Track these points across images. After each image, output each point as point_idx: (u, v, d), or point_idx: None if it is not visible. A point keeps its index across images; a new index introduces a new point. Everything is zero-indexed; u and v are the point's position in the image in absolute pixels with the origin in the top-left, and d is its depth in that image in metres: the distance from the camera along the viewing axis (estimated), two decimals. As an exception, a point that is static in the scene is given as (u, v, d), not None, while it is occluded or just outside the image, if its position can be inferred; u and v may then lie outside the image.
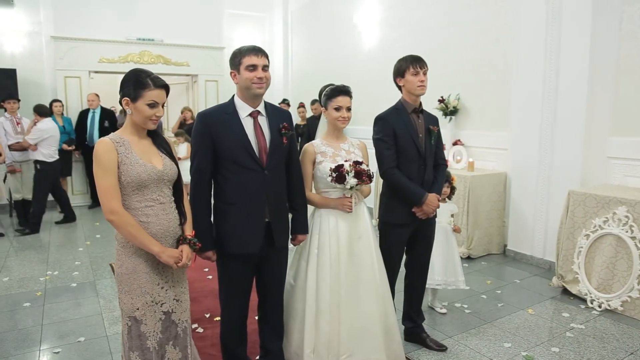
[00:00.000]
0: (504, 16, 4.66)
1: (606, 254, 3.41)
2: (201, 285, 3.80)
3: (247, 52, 2.05)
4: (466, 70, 5.10)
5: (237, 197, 2.11)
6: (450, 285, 3.22)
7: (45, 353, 2.80)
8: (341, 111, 2.36)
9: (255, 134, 2.12)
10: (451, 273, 3.21)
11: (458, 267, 3.23)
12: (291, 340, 2.40)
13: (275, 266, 2.29)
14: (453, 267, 3.22)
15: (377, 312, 2.35)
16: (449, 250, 3.23)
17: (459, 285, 3.22)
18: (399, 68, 2.60)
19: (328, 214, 2.36)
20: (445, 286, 3.22)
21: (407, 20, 5.96)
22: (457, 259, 3.26)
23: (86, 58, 7.18)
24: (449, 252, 3.22)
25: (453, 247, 3.25)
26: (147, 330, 1.86)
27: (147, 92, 1.80)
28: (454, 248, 3.25)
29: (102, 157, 1.77)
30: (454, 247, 3.25)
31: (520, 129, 4.42)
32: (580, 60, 3.88)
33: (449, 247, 3.22)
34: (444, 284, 3.21)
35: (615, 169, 3.91)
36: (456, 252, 3.27)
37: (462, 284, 3.23)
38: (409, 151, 2.58)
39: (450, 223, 3.27)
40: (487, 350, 2.79)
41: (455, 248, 3.26)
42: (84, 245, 5.14)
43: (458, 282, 3.22)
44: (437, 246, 3.04)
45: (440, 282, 3.19)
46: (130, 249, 1.84)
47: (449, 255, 3.21)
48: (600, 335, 2.97)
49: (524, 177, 4.40)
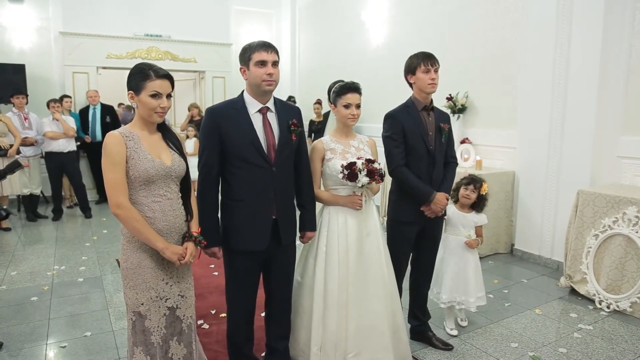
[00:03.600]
0: (513, 13, 4.62)
1: (615, 254, 3.37)
2: (207, 282, 3.81)
3: (257, 48, 2.03)
4: (474, 68, 5.06)
5: (244, 194, 2.10)
6: (460, 305, 2.88)
7: (52, 347, 2.81)
8: (350, 108, 2.34)
9: (264, 131, 2.11)
10: (461, 292, 2.86)
11: (471, 286, 2.85)
12: (298, 338, 2.40)
13: (283, 263, 2.27)
14: (464, 285, 2.86)
15: (385, 310, 2.34)
16: (462, 266, 2.86)
17: (469, 307, 2.87)
18: (410, 65, 2.57)
19: (337, 212, 2.35)
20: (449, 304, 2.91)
21: (415, 17, 5.93)
22: (471, 276, 2.86)
23: (94, 54, 7.22)
24: (460, 268, 2.86)
25: (466, 263, 2.85)
26: (151, 325, 1.86)
27: (149, 82, 1.79)
28: (467, 263, 2.85)
29: (111, 150, 1.77)
30: (467, 263, 2.85)
31: (529, 128, 4.38)
32: (590, 58, 3.84)
33: (461, 263, 2.85)
34: (449, 303, 2.89)
35: (626, 168, 3.86)
36: (471, 268, 2.86)
37: (473, 306, 2.87)
38: (418, 149, 2.56)
39: (469, 237, 2.85)
40: (494, 350, 2.77)
41: (469, 263, 2.86)
42: (91, 240, 5.17)
43: (468, 302, 2.86)
44: (448, 260, 2.86)
45: (445, 301, 2.88)
46: (136, 244, 1.84)
47: (460, 272, 2.86)
48: (608, 337, 2.94)
49: (532, 175, 4.36)
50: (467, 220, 2.87)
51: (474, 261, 2.89)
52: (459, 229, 2.87)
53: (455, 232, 2.89)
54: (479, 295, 2.89)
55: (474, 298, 2.86)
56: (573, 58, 3.97)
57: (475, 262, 2.90)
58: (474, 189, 2.84)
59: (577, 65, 3.94)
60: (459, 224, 2.88)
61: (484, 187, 2.84)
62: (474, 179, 2.87)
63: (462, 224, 2.87)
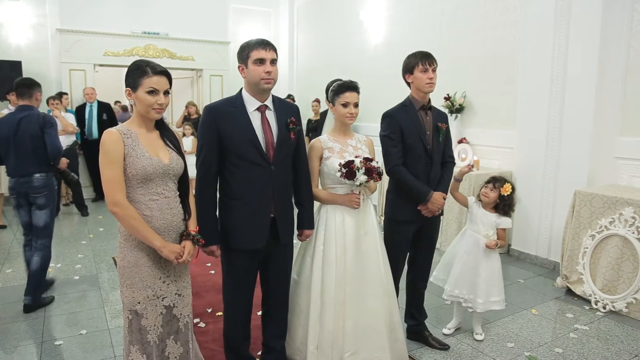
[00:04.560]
0: (512, 13, 4.62)
1: (612, 255, 3.38)
2: (204, 280, 3.80)
3: (255, 46, 2.02)
4: (473, 67, 5.06)
5: (242, 192, 2.09)
6: (467, 302, 2.80)
7: (48, 345, 2.80)
8: (349, 107, 2.34)
9: (263, 129, 2.10)
10: (469, 289, 2.77)
11: (481, 286, 2.74)
12: (294, 337, 2.39)
13: (280, 262, 2.27)
14: (473, 284, 2.76)
15: (383, 309, 2.34)
16: (474, 264, 2.76)
17: (475, 307, 2.77)
18: (408, 64, 2.57)
19: (334, 210, 2.34)
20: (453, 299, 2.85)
21: (414, 17, 5.92)
22: (484, 276, 2.74)
23: (91, 51, 7.19)
24: (471, 266, 2.77)
25: (480, 262, 2.75)
26: (148, 324, 1.85)
27: (146, 79, 1.78)
28: (480, 263, 2.75)
29: (108, 148, 1.76)
30: (480, 262, 2.75)
31: (526, 128, 4.39)
32: (588, 58, 3.84)
33: (473, 260, 2.77)
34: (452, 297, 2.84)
35: (623, 169, 3.87)
36: (485, 269, 2.75)
37: (480, 307, 2.75)
38: (415, 148, 2.56)
39: (487, 237, 2.75)
40: (490, 349, 2.78)
41: (482, 264, 2.75)
42: (87, 238, 5.14)
43: (476, 303, 2.75)
44: (461, 254, 2.80)
45: (448, 293, 2.83)
46: (133, 242, 1.83)
47: (470, 269, 2.77)
48: (604, 337, 2.95)
49: (530, 176, 4.37)
50: (488, 219, 2.77)
51: (491, 263, 2.77)
52: (479, 226, 2.79)
53: (474, 229, 2.82)
54: (492, 299, 2.76)
55: (483, 300, 2.74)
56: (571, 58, 3.98)
57: (491, 264, 2.77)
58: (493, 187, 2.75)
59: (576, 66, 3.95)
60: (479, 221, 2.79)
61: (505, 188, 2.73)
62: (495, 178, 2.79)
63: (483, 222, 2.78)
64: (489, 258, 2.77)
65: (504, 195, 2.74)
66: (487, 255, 2.77)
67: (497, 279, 2.80)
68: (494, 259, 2.79)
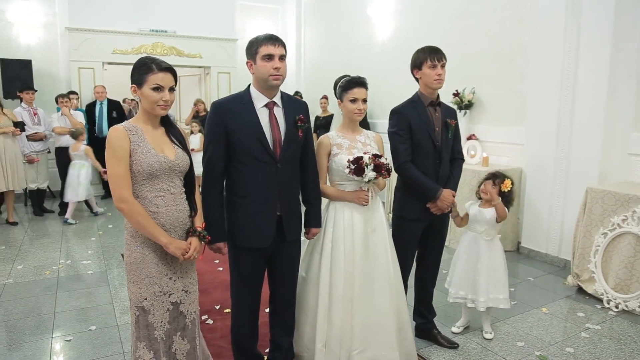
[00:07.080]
0: (521, 8, 4.55)
1: (624, 253, 3.32)
2: (211, 277, 3.81)
3: (264, 41, 2.00)
4: (482, 63, 5.00)
5: (249, 190, 2.07)
6: (469, 302, 2.79)
7: (58, 340, 2.83)
8: (357, 103, 2.31)
9: (270, 126, 2.07)
10: (470, 289, 2.76)
11: (481, 285, 2.72)
12: (302, 334, 2.38)
13: (288, 259, 2.25)
14: (474, 283, 2.75)
15: (391, 307, 2.32)
16: (473, 263, 2.76)
17: (478, 307, 2.75)
18: (416, 60, 2.54)
19: (343, 207, 2.32)
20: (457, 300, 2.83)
21: (422, 12, 5.87)
22: (484, 275, 2.72)
23: (100, 49, 7.22)
24: (470, 265, 2.77)
25: (479, 260, 2.74)
26: (155, 320, 1.85)
27: (151, 75, 1.78)
28: (479, 261, 2.73)
29: (114, 144, 1.76)
30: (480, 261, 2.73)
31: (536, 124, 4.33)
32: (600, 53, 3.76)
33: (472, 260, 2.76)
34: (456, 298, 2.82)
35: (636, 165, 3.80)
36: (484, 267, 2.72)
37: (482, 306, 2.73)
38: (424, 145, 2.53)
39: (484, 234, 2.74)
40: (500, 348, 2.75)
41: (482, 262, 2.73)
42: (97, 234, 5.18)
43: (478, 302, 2.74)
44: (461, 255, 2.81)
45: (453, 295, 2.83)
46: (139, 239, 1.83)
47: (470, 269, 2.76)
48: (616, 337, 2.90)
49: (540, 172, 4.30)
50: (482, 216, 2.74)
51: (491, 260, 2.73)
52: (474, 225, 2.78)
53: (472, 228, 2.81)
54: (494, 296, 2.73)
55: (484, 298, 2.72)
56: (582, 53, 3.90)
57: (492, 261, 2.73)
58: (493, 184, 2.71)
59: (587, 60, 3.87)
60: (474, 219, 2.79)
61: (505, 184, 2.68)
62: (495, 175, 2.75)
63: (477, 220, 2.77)
64: (490, 255, 2.75)
65: (504, 191, 2.71)
66: (487, 252, 2.74)
67: (500, 276, 2.76)
68: (495, 255, 2.76)
